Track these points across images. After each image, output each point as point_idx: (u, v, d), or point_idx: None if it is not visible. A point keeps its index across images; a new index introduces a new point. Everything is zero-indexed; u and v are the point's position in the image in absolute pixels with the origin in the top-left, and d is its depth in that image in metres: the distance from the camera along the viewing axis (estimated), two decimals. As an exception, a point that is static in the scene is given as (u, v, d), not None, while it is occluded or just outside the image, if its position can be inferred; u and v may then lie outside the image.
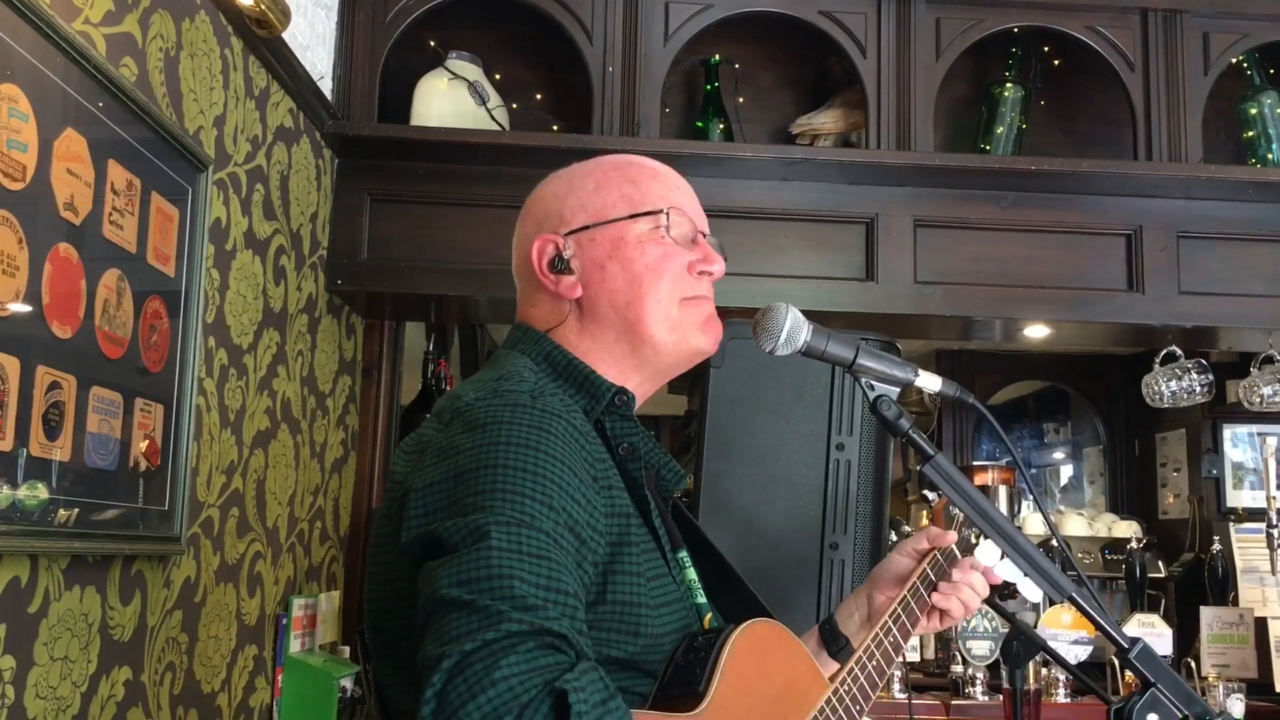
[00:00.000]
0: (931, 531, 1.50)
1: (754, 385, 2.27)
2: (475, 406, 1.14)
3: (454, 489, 1.08)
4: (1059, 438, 6.29)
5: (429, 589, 1.00)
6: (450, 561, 1.01)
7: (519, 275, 1.38)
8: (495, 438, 1.09)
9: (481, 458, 1.08)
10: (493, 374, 1.25)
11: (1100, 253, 3.06)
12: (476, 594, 0.97)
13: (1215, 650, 3.93)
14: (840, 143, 3.22)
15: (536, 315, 1.34)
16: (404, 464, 1.18)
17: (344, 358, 3.04)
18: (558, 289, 1.31)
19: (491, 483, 1.06)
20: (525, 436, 1.10)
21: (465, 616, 0.96)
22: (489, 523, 1.02)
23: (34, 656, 1.60)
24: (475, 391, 1.18)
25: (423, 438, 1.19)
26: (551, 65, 3.23)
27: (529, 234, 1.35)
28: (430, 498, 1.09)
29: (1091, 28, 3.08)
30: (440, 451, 1.12)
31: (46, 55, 1.56)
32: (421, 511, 1.09)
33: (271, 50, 2.38)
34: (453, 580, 0.99)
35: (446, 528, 1.04)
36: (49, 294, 1.58)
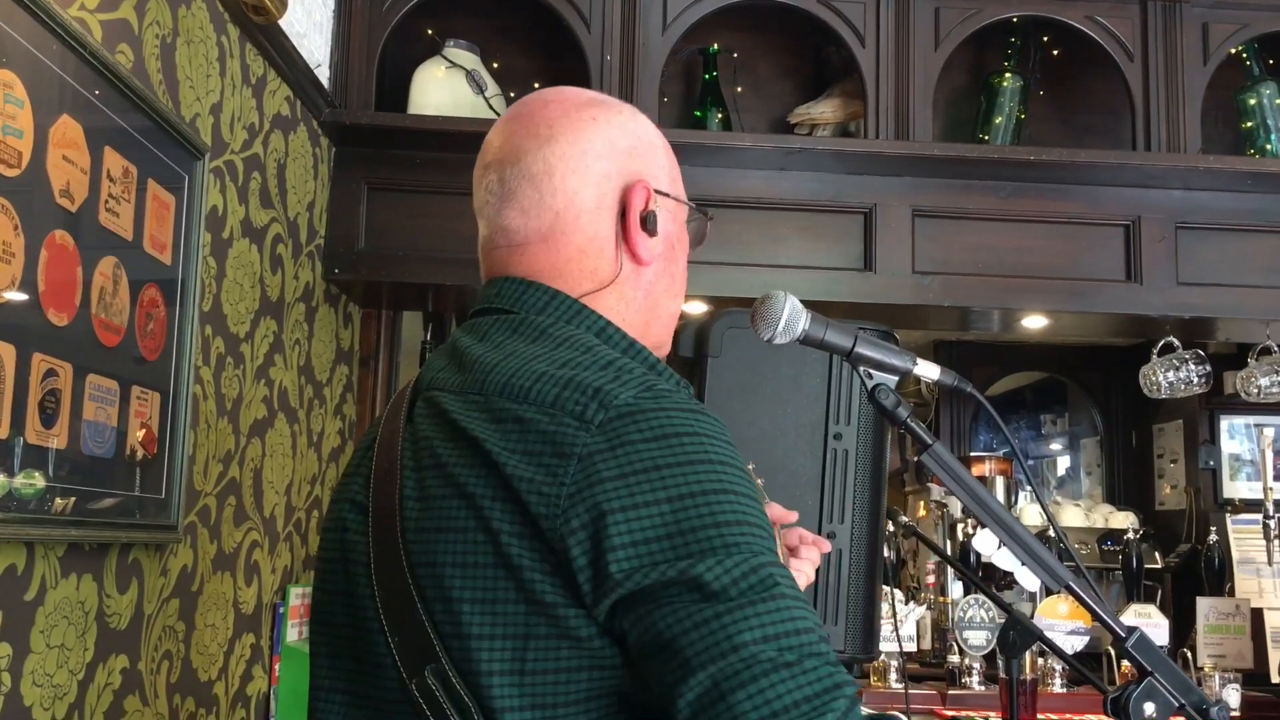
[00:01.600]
0: (774, 510, 1.50)
1: (751, 374, 2.27)
2: (646, 410, 0.98)
3: (677, 515, 0.94)
4: (1056, 428, 6.29)
5: (717, 642, 0.89)
6: (741, 611, 0.90)
7: (572, 208, 1.15)
8: (702, 454, 0.97)
9: (702, 479, 0.95)
10: (581, 355, 1.05)
11: (1098, 243, 3.06)
12: (797, 653, 0.90)
13: (1211, 640, 3.94)
14: (839, 132, 3.21)
15: (580, 269, 1.15)
16: (523, 465, 0.97)
17: (341, 347, 3.04)
18: (637, 249, 1.16)
19: (734, 513, 0.95)
20: (728, 454, 0.99)
21: (794, 681, 0.88)
22: (764, 564, 0.93)
23: (30, 644, 1.60)
24: (615, 385, 1.00)
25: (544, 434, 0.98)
26: (549, 54, 3.22)
27: (613, 167, 1.16)
28: (644, 524, 0.93)
29: (1091, 17, 3.07)
30: (630, 465, 0.95)
31: (42, 41, 1.56)
32: (637, 539, 0.93)
33: (268, 38, 2.37)
34: (758, 635, 0.89)
35: (711, 568, 0.91)
36: (45, 281, 1.58)
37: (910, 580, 4.54)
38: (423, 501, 1.03)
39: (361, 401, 3.17)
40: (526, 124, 1.19)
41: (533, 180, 1.16)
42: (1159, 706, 1.16)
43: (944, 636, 3.85)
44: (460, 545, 0.99)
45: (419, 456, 1.05)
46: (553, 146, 1.16)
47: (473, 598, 0.97)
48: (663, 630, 0.91)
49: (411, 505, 1.03)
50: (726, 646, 0.89)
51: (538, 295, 1.14)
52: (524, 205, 1.17)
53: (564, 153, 1.16)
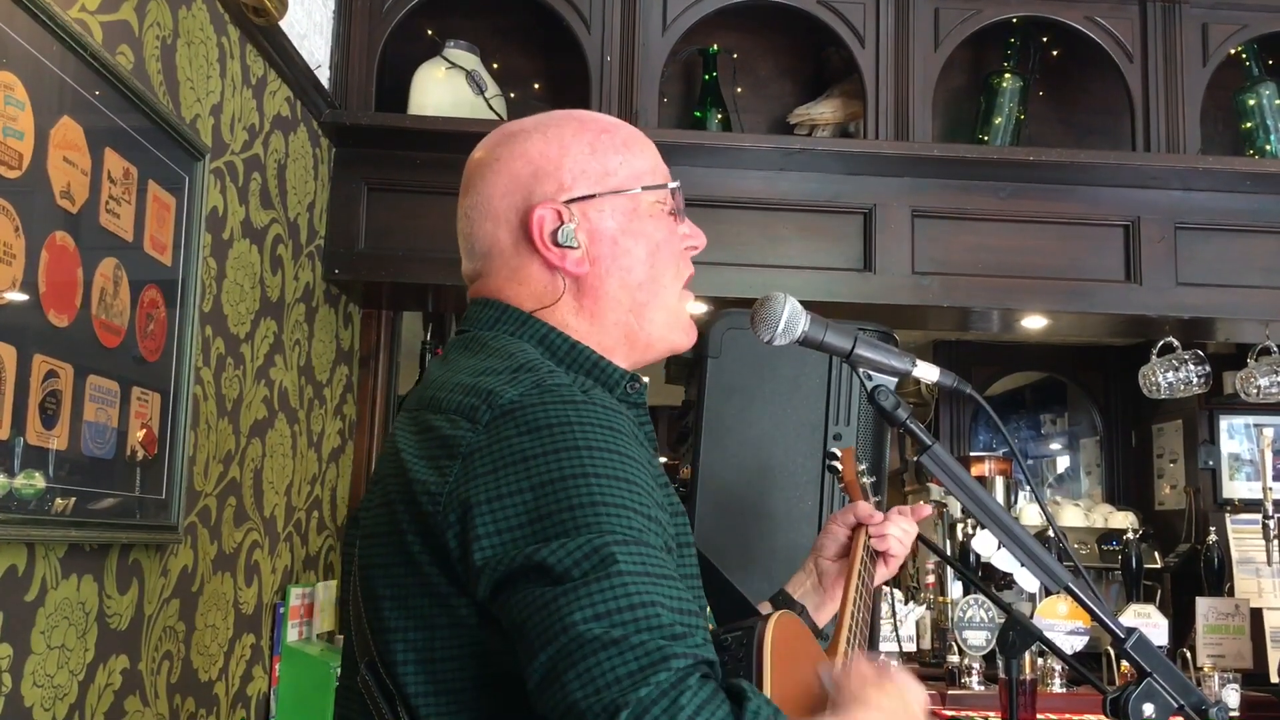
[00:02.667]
0: (860, 509, 1.63)
1: (751, 375, 2.27)
2: (526, 405, 1.02)
3: (538, 502, 0.96)
4: (1056, 429, 6.29)
5: (552, 624, 0.91)
6: (575, 592, 0.91)
7: (495, 247, 1.23)
8: (569, 441, 0.99)
9: (565, 465, 0.97)
10: (502, 362, 1.10)
11: (1098, 243, 3.06)
12: (624, 629, 0.89)
13: (1211, 641, 3.94)
14: (838, 133, 3.22)
15: (522, 293, 1.21)
16: (422, 469, 1.03)
17: (341, 347, 3.04)
18: (562, 264, 1.19)
19: (589, 494, 0.96)
20: (603, 439, 1.00)
21: (621, 656, 0.88)
22: (608, 544, 0.93)
23: (31, 645, 1.60)
24: (508, 385, 1.04)
25: (442, 438, 1.04)
26: (549, 54, 3.23)
27: (516, 201, 1.21)
28: (507, 513, 0.97)
29: (1090, 18, 3.07)
30: (501, 459, 0.99)
31: (43, 43, 1.56)
32: (499, 529, 0.97)
33: (269, 39, 2.37)
34: (588, 614, 0.90)
35: (554, 551, 0.93)
36: (45, 282, 1.58)
37: (910, 580, 4.55)
38: (368, 511, 1.12)
39: (361, 402, 3.18)
40: (466, 167, 1.29)
41: (463, 235, 1.27)
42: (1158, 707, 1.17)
43: (944, 636, 3.86)
44: (383, 547, 1.07)
45: (378, 471, 1.16)
46: (468, 199, 1.26)
47: (390, 594, 1.05)
48: (515, 615, 0.95)
49: (363, 515, 1.13)
50: (559, 628, 0.91)
51: (490, 312, 1.22)
52: (465, 256, 1.28)
53: (475, 203, 1.25)
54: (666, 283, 1.24)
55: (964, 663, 3.56)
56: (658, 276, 1.23)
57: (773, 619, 1.13)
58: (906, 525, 1.61)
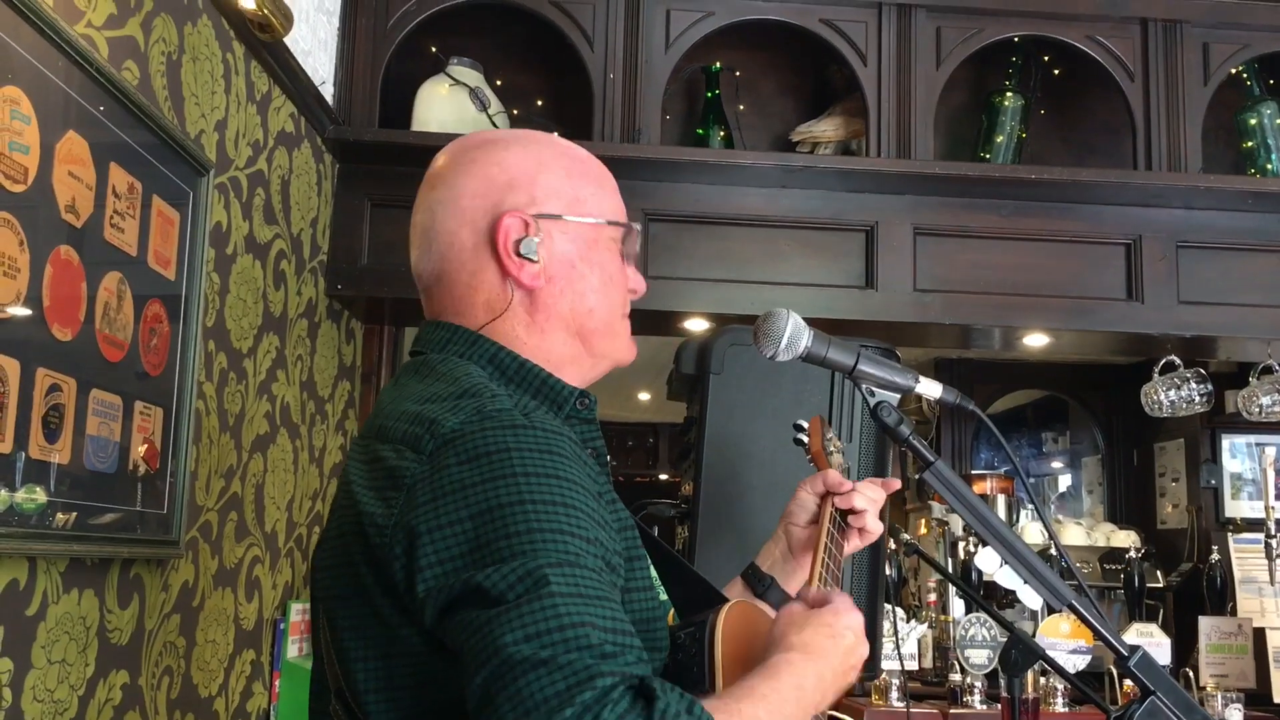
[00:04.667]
0: (829, 477, 1.57)
1: (753, 392, 2.27)
2: (467, 433, 1.03)
3: (477, 531, 0.98)
4: (1057, 447, 6.29)
5: (485, 646, 0.92)
6: (507, 614, 0.92)
7: (454, 246, 1.23)
8: (508, 468, 1.00)
9: (501, 494, 0.99)
10: (448, 387, 1.11)
11: (1099, 262, 3.06)
12: (553, 649, 0.90)
13: (1214, 660, 3.93)
14: (840, 151, 3.22)
15: (475, 301, 1.22)
16: (370, 501, 1.05)
17: (343, 362, 3.04)
18: (518, 274, 1.20)
19: (525, 521, 0.97)
20: (540, 464, 1.01)
21: (549, 676, 0.89)
22: (540, 566, 0.94)
23: (32, 659, 1.59)
24: (450, 413, 1.06)
25: (389, 470, 1.05)
26: (552, 71, 3.24)
27: (486, 204, 1.22)
28: (448, 542, 0.98)
29: (1091, 37, 3.09)
30: (441, 488, 1.01)
31: (49, 58, 1.57)
32: (441, 558, 0.98)
33: (273, 55, 2.38)
34: (519, 635, 0.91)
35: (489, 576, 0.94)
36: (50, 296, 1.58)
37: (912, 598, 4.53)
38: (324, 543, 1.14)
39: (363, 418, 3.17)
40: (425, 178, 1.29)
41: (421, 228, 1.26)
42: (1162, 726, 1.16)
43: (945, 655, 3.84)
44: (339, 578, 1.09)
45: (334, 501, 1.17)
46: (434, 193, 1.26)
47: (349, 625, 1.07)
48: (456, 641, 0.96)
49: (322, 546, 1.15)
50: (491, 651, 0.92)
51: (440, 333, 1.23)
52: (419, 252, 1.26)
53: (441, 198, 1.24)
54: (616, 308, 1.27)
55: (966, 681, 3.54)
56: (609, 305, 1.26)
57: (723, 611, 1.15)
58: (874, 493, 1.57)
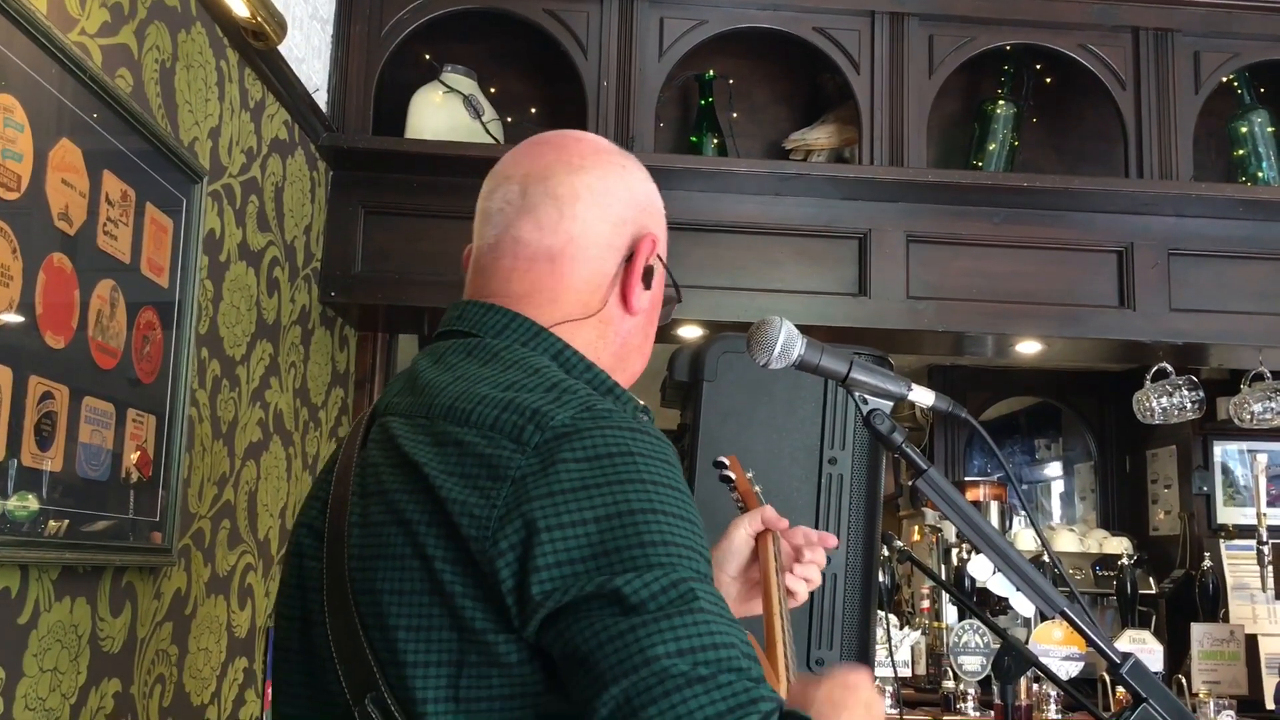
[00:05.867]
0: (767, 513, 1.55)
1: (747, 399, 2.27)
2: (582, 430, 0.98)
3: (603, 535, 0.93)
4: (1050, 454, 6.30)
5: (631, 655, 0.88)
6: (656, 624, 0.89)
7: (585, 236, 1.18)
8: (633, 473, 0.97)
9: (631, 499, 0.95)
10: (528, 377, 1.05)
11: (1091, 269, 3.07)
12: (710, 668, 0.88)
13: (1206, 667, 3.94)
14: (833, 158, 3.23)
15: (564, 295, 1.17)
16: (457, 488, 0.97)
17: (337, 370, 3.04)
18: (632, 295, 1.19)
19: (659, 532, 0.94)
20: (662, 473, 0.98)
21: (707, 695, 0.87)
22: (686, 579, 0.92)
23: (23, 668, 1.59)
24: (554, 405, 1.00)
25: (480, 457, 0.98)
26: (546, 79, 3.24)
27: (630, 214, 1.20)
28: (570, 543, 0.93)
29: (1083, 46, 3.10)
30: (559, 485, 0.95)
31: (42, 65, 1.57)
32: (561, 559, 0.93)
33: (267, 63, 2.38)
34: (672, 649, 0.88)
35: (630, 582, 0.91)
36: (42, 304, 1.58)
37: (905, 605, 4.54)
38: (365, 528, 1.03)
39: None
40: (558, 150, 1.22)
41: (556, 200, 1.18)
42: (1154, 733, 1.16)
43: (939, 662, 3.85)
44: (396, 572, 0.99)
45: (365, 483, 1.07)
46: (582, 176, 1.19)
47: (408, 625, 0.98)
48: (579, 644, 0.91)
49: (355, 532, 1.04)
50: (639, 660, 0.88)
51: (497, 318, 1.16)
52: (541, 220, 1.18)
53: (591, 184, 1.19)
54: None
55: (959, 688, 3.55)
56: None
57: None
58: (820, 558, 1.55)
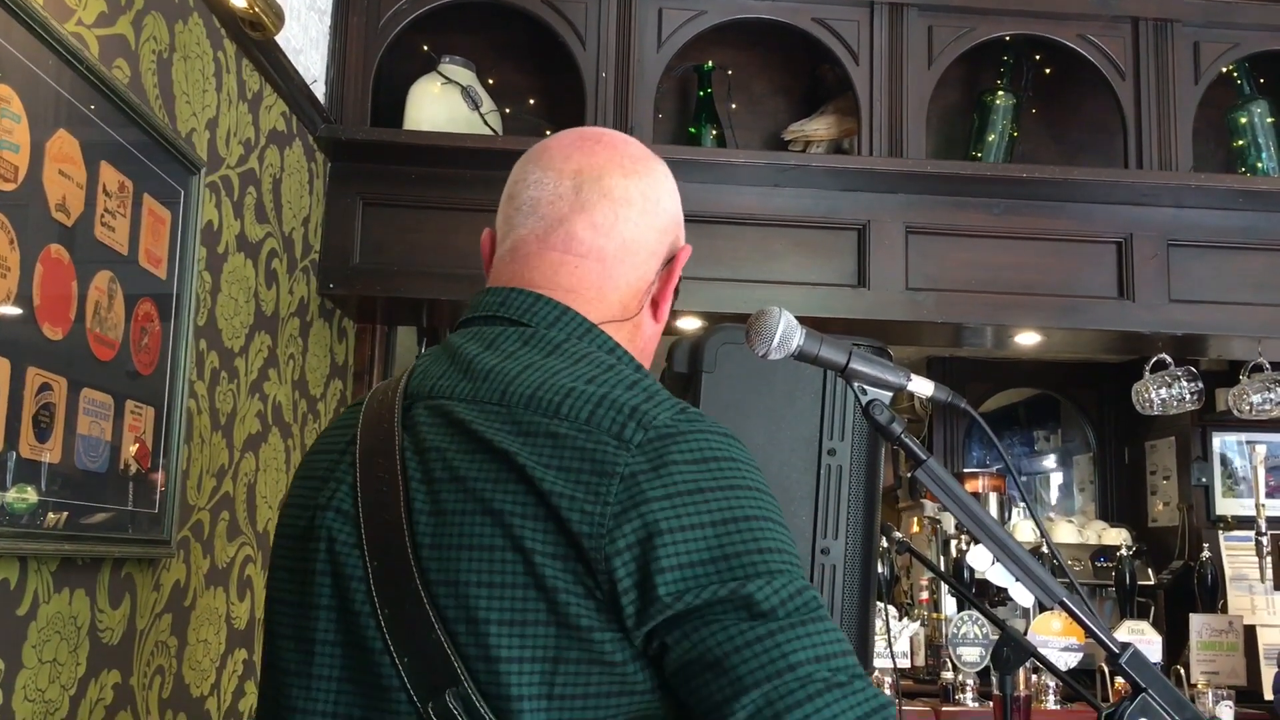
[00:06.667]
0: None
1: (745, 390, 2.27)
2: (685, 432, 1.00)
3: (721, 539, 0.95)
4: (1049, 445, 6.31)
5: (770, 661, 0.91)
6: (792, 631, 0.93)
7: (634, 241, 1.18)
8: (740, 479, 0.99)
9: (745, 505, 0.98)
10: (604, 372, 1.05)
11: (1091, 260, 3.07)
12: (845, 674, 0.93)
13: (1204, 657, 3.94)
14: (832, 149, 3.23)
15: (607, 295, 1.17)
16: (560, 482, 0.96)
17: (335, 361, 3.04)
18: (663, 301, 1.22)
19: (774, 539, 0.97)
20: (761, 480, 1.01)
21: (846, 701, 0.91)
22: (806, 588, 0.95)
23: (22, 659, 1.59)
24: (648, 404, 1.01)
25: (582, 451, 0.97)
26: (545, 70, 3.23)
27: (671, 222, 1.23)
28: (692, 545, 0.94)
29: (1083, 36, 3.09)
30: (674, 487, 0.96)
31: (39, 56, 1.56)
32: (686, 561, 0.94)
33: (265, 53, 2.38)
34: (809, 655, 0.92)
35: (761, 589, 0.93)
36: (40, 295, 1.58)
37: (904, 596, 4.54)
38: (438, 516, 1.00)
39: (355, 416, 3.17)
40: (610, 150, 1.21)
41: (613, 202, 1.18)
42: (1153, 723, 1.16)
43: (938, 653, 3.85)
44: (487, 564, 0.97)
45: (428, 468, 1.02)
46: (637, 181, 1.20)
47: (501, 618, 0.95)
48: (712, 648, 0.92)
49: (425, 520, 1.00)
50: (782, 665, 0.91)
51: (548, 309, 1.14)
52: (596, 220, 1.17)
53: (645, 191, 1.20)
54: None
55: (958, 679, 3.55)
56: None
57: None
58: None
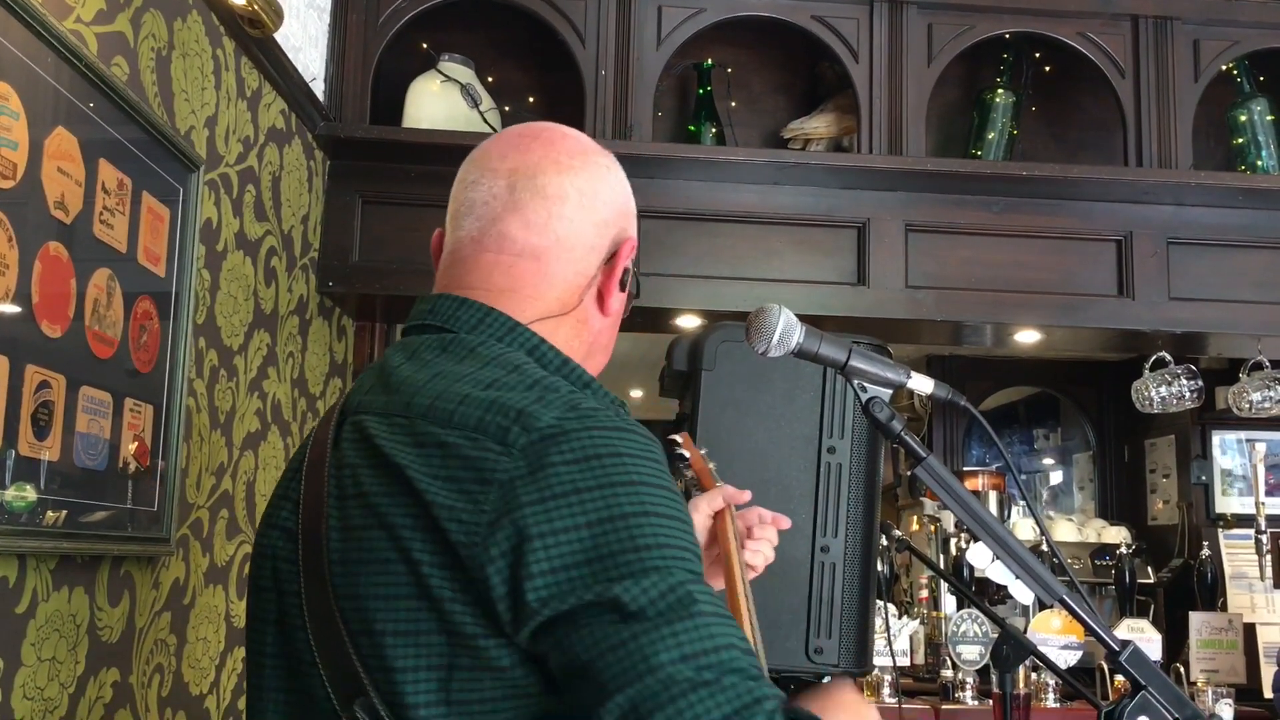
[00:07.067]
0: (727, 491, 1.58)
1: (745, 388, 2.27)
2: (569, 431, 0.97)
3: (596, 540, 0.93)
4: (1049, 443, 6.31)
5: (635, 663, 0.89)
6: (658, 631, 0.90)
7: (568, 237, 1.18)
8: (623, 475, 0.96)
9: (623, 502, 0.95)
10: (508, 375, 1.05)
11: (1090, 258, 3.07)
12: (713, 672, 0.89)
13: (1204, 655, 3.95)
14: (832, 147, 3.22)
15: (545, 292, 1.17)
16: (443, 493, 0.96)
17: (335, 360, 3.04)
18: (609, 296, 1.20)
19: (654, 535, 0.94)
20: (652, 473, 0.98)
21: (713, 699, 0.88)
22: (683, 583, 0.92)
23: (22, 657, 1.59)
24: (538, 405, 0.99)
25: (466, 460, 0.97)
26: (544, 68, 3.23)
27: (613, 217, 1.21)
28: (564, 549, 0.93)
29: (1083, 34, 3.09)
30: (549, 490, 0.95)
31: (38, 54, 1.56)
32: (556, 565, 0.92)
33: (264, 51, 2.37)
34: (675, 655, 0.89)
35: (628, 589, 0.91)
36: (39, 293, 1.57)
37: (903, 594, 4.54)
38: (345, 532, 1.02)
39: (355, 414, 3.16)
40: (546, 147, 1.21)
41: (546, 199, 1.18)
42: (1153, 720, 1.16)
43: (937, 651, 3.85)
44: (382, 577, 0.98)
45: (343, 484, 1.05)
46: (571, 177, 1.19)
47: (395, 630, 0.97)
48: (580, 653, 0.91)
49: (335, 536, 1.03)
50: (643, 668, 0.89)
51: (471, 313, 1.14)
52: (529, 219, 1.17)
53: (581, 187, 1.19)
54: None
55: (958, 677, 3.55)
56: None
57: None
58: (773, 536, 1.61)
